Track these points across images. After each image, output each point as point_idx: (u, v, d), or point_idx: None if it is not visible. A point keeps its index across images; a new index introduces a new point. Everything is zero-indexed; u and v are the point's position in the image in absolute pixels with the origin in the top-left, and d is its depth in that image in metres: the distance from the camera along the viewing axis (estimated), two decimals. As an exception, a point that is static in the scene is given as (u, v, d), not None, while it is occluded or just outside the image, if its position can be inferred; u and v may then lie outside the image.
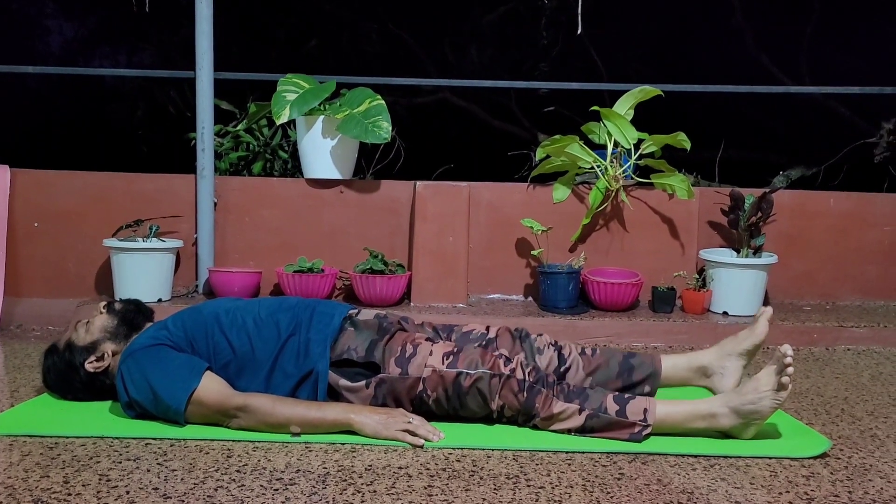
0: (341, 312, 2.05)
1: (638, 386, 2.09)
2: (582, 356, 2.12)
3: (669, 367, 2.12)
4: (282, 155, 4.13)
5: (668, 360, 2.13)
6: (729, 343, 2.11)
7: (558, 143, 3.34)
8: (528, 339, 2.13)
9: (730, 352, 2.11)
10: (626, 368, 2.10)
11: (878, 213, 3.64)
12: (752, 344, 2.09)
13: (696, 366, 2.13)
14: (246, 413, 1.85)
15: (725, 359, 2.11)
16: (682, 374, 2.14)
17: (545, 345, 2.12)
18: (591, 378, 2.08)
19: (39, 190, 3.38)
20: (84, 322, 2.10)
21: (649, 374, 2.09)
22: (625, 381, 2.09)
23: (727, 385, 2.09)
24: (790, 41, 6.39)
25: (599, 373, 2.09)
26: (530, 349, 2.10)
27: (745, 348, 2.09)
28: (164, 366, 1.89)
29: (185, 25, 6.21)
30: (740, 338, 2.10)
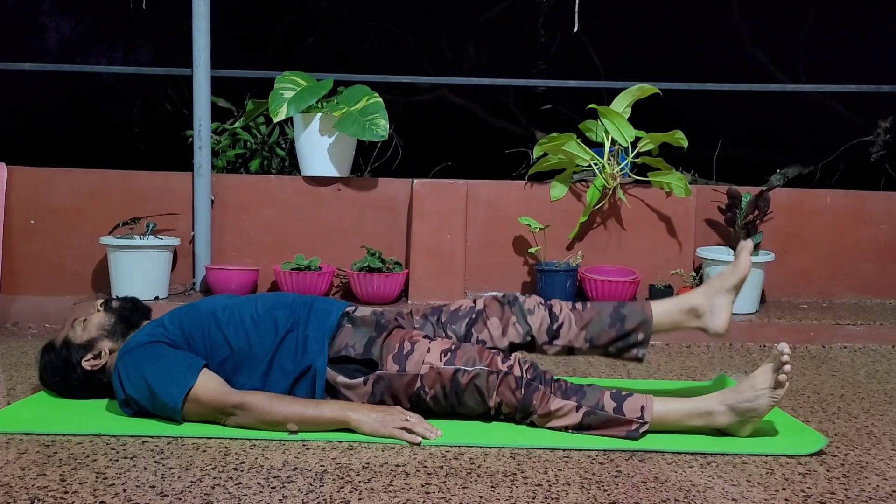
0: (339, 309, 2.05)
1: (632, 334, 2.05)
2: (573, 311, 2.08)
3: (661, 313, 2.08)
4: (279, 153, 4.13)
5: (659, 306, 2.09)
6: (715, 281, 2.09)
7: (556, 140, 3.34)
8: (516, 303, 2.09)
9: (717, 289, 2.07)
10: (617, 318, 2.06)
11: (874, 211, 3.65)
12: (737, 279, 2.06)
13: (686, 307, 2.09)
14: (243, 411, 1.85)
15: (714, 297, 2.07)
16: (673, 318, 2.10)
17: (535, 305, 2.08)
18: (585, 331, 2.05)
19: (36, 187, 3.38)
20: (81, 320, 2.10)
21: (641, 322, 2.06)
22: (618, 330, 2.05)
23: (719, 323, 2.06)
24: (787, 39, 6.40)
25: (592, 325, 2.05)
26: (520, 312, 2.07)
27: (732, 283, 2.06)
28: (160, 363, 1.89)
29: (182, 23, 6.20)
30: (725, 275, 2.08)
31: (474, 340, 2.05)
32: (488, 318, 2.07)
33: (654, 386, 2.40)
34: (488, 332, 2.06)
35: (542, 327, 2.06)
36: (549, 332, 2.06)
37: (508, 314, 2.07)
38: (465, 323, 2.08)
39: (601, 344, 2.05)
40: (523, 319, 2.06)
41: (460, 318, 2.09)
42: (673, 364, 2.76)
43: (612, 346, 2.05)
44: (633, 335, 2.06)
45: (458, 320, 2.09)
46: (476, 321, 2.07)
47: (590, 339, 2.05)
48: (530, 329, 2.04)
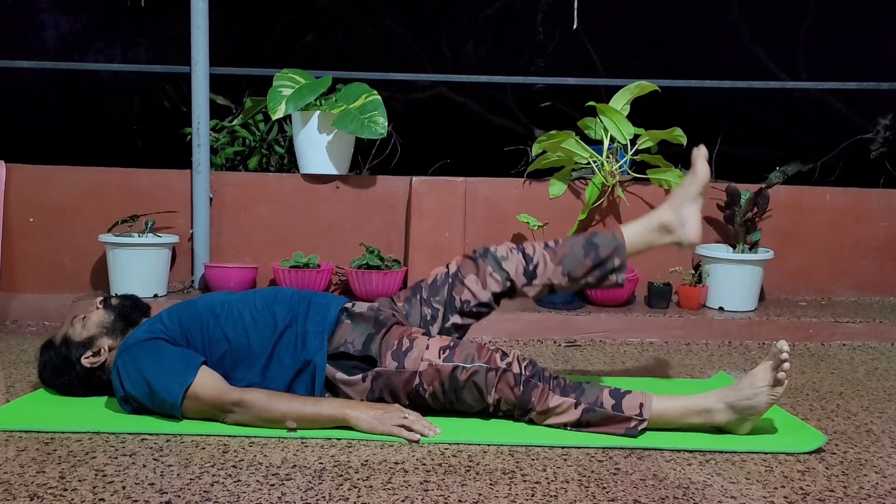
0: (337, 304, 2.04)
1: (607, 261, 2.05)
2: (547, 250, 2.08)
3: (633, 235, 2.09)
4: (278, 150, 4.13)
5: (630, 229, 2.10)
6: (678, 194, 2.09)
7: (554, 138, 3.34)
8: (488, 254, 2.09)
9: (682, 200, 2.08)
10: (591, 248, 2.06)
11: (873, 208, 3.65)
12: (698, 185, 2.07)
13: (655, 225, 2.09)
14: (242, 408, 1.85)
15: (680, 208, 2.08)
16: (645, 238, 2.10)
17: (507, 251, 2.09)
18: (561, 266, 2.05)
19: (35, 185, 3.37)
20: (81, 317, 2.10)
21: (614, 248, 2.06)
22: (593, 259, 2.05)
23: (691, 233, 2.07)
24: (787, 37, 6.40)
25: (567, 259, 2.06)
26: (494, 261, 2.08)
27: (695, 192, 2.07)
28: (159, 360, 1.89)
29: (180, 20, 6.19)
30: (686, 185, 2.09)
31: (458, 304, 2.07)
32: (464, 277, 2.09)
33: (652, 384, 2.40)
34: (469, 290, 2.08)
35: (519, 270, 2.07)
36: (526, 274, 2.07)
37: (484, 266, 2.08)
38: (445, 290, 2.09)
39: (579, 276, 2.06)
40: (499, 268, 2.07)
41: (439, 288, 2.11)
42: (671, 362, 2.76)
43: (590, 275, 2.06)
44: (608, 262, 2.06)
45: (438, 291, 2.11)
46: (454, 284, 2.09)
47: (567, 272, 2.06)
48: (508, 274, 2.06)
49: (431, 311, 2.10)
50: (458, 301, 2.08)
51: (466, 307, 2.09)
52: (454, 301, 2.09)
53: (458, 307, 2.09)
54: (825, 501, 1.54)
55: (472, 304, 2.08)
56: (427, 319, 2.10)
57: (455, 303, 2.09)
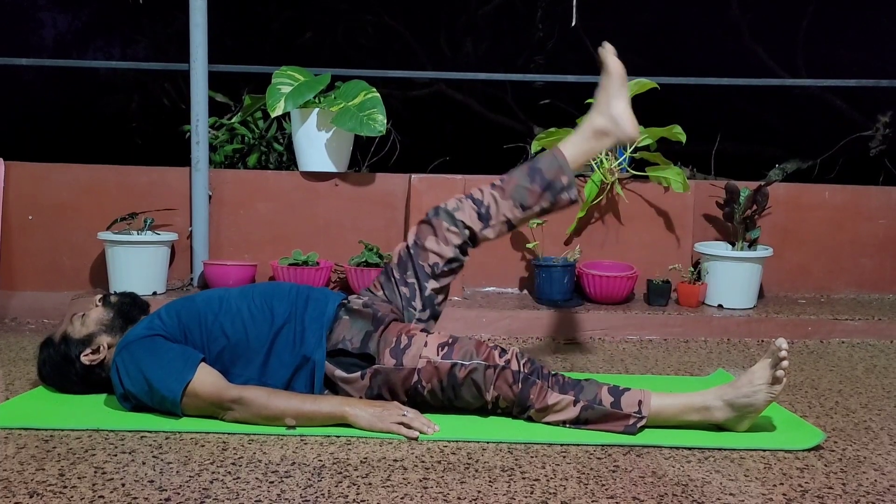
0: (335, 300, 2.04)
1: (556, 181, 2.07)
2: (494, 189, 2.10)
3: (572, 149, 2.11)
4: (277, 147, 4.12)
5: (567, 145, 2.11)
6: (601, 97, 2.12)
7: (554, 135, 3.34)
8: (439, 211, 2.11)
9: (607, 101, 2.10)
10: (535, 174, 2.08)
11: (873, 206, 3.65)
12: (616, 81, 2.10)
13: (591, 133, 2.11)
14: (241, 405, 1.85)
15: (609, 109, 2.10)
16: (585, 148, 2.12)
17: (457, 202, 2.11)
18: (512, 200, 2.07)
19: (33, 183, 3.37)
20: (80, 315, 2.10)
21: (559, 167, 2.08)
22: (541, 184, 2.07)
23: (627, 128, 2.09)
24: (786, 34, 6.39)
25: (516, 192, 2.07)
26: (447, 215, 2.09)
27: (615, 88, 2.10)
28: (158, 357, 1.89)
29: (179, 17, 6.19)
30: (604, 85, 2.11)
31: (428, 270, 2.09)
32: (424, 242, 2.10)
33: (651, 381, 2.41)
34: (433, 253, 2.09)
35: (473, 216, 2.09)
36: (481, 218, 2.09)
37: (439, 224, 2.10)
38: (412, 263, 2.10)
39: (532, 203, 2.08)
40: (453, 220, 2.09)
41: (406, 263, 2.12)
42: (670, 359, 2.76)
43: (543, 200, 2.08)
44: (556, 182, 2.08)
45: (405, 266, 2.12)
46: (418, 254, 2.10)
47: (520, 204, 2.08)
48: (464, 223, 2.08)
49: (407, 288, 2.11)
50: (427, 268, 2.10)
51: (437, 269, 2.10)
52: (423, 269, 2.10)
53: (429, 273, 2.10)
54: (824, 498, 1.54)
55: (441, 265, 2.10)
56: (407, 297, 2.11)
57: (425, 270, 2.10)
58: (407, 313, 2.11)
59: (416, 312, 2.11)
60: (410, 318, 2.11)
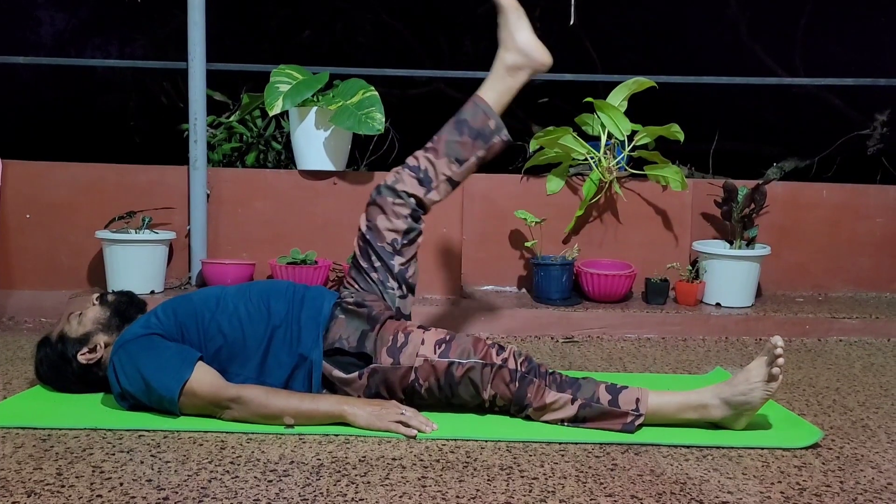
0: (330, 299, 2.04)
1: (484, 127, 2.12)
2: (427, 151, 2.14)
3: (491, 92, 2.16)
4: (275, 146, 4.12)
5: (485, 89, 2.17)
6: (502, 33, 2.20)
7: (552, 134, 3.34)
8: (382, 188, 2.13)
9: (509, 35, 2.19)
10: (462, 125, 2.12)
11: (870, 204, 3.66)
12: (511, 13, 2.19)
13: (504, 71, 2.17)
14: (239, 404, 1.85)
15: (515, 43, 2.17)
16: (504, 87, 2.17)
17: (395, 174, 2.14)
18: (447, 158, 2.11)
19: (31, 181, 3.37)
20: (77, 314, 2.10)
21: (483, 113, 2.12)
22: (470, 133, 2.12)
23: (539, 56, 2.16)
24: (784, 33, 6.39)
25: (449, 148, 2.12)
26: (389, 190, 2.11)
27: (513, 20, 2.19)
28: (155, 356, 1.89)
29: (177, 16, 6.17)
30: (502, 23, 2.20)
31: (389, 249, 2.11)
32: (376, 223, 2.12)
33: (649, 380, 2.41)
34: (388, 231, 2.11)
35: (414, 183, 2.12)
36: (422, 183, 2.12)
37: (384, 202, 2.12)
38: (371, 248, 2.11)
39: (468, 156, 2.11)
40: (396, 193, 2.11)
41: (366, 250, 2.13)
42: (668, 358, 2.76)
43: (477, 150, 2.12)
44: (485, 128, 2.12)
45: (367, 254, 2.13)
46: (374, 237, 2.12)
47: (455, 158, 2.11)
48: (407, 192, 2.10)
49: (377, 272, 2.12)
50: (387, 247, 2.11)
51: (398, 245, 2.12)
52: (385, 250, 2.11)
53: (391, 251, 2.11)
54: (821, 497, 1.54)
55: (399, 240, 2.11)
56: (381, 281, 2.12)
57: (387, 250, 2.11)
58: (387, 296, 2.12)
59: (395, 292, 2.13)
60: (392, 299, 2.11)
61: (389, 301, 2.11)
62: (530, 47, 2.13)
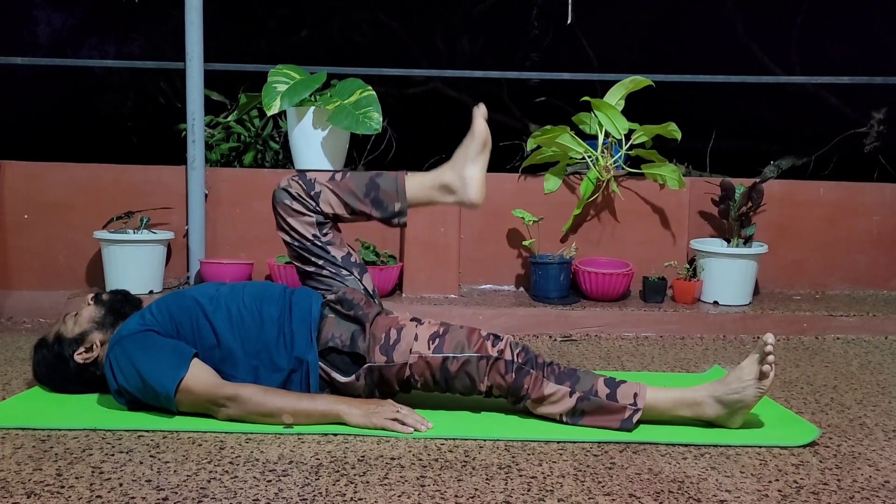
0: (317, 299, 2.03)
1: (389, 205, 2.09)
2: (330, 181, 2.12)
3: (415, 188, 2.11)
4: (273, 146, 4.12)
5: (413, 181, 2.12)
6: (459, 155, 2.11)
7: (549, 133, 3.34)
8: (277, 192, 2.15)
9: (463, 162, 2.10)
10: (371, 187, 2.10)
11: (867, 202, 3.66)
12: (477, 145, 2.09)
13: (438, 185, 2.11)
14: (236, 402, 1.85)
15: (462, 170, 2.10)
16: (428, 195, 2.13)
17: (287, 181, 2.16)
18: (340, 194, 2.10)
19: (29, 182, 3.37)
20: (72, 314, 2.10)
21: (395, 192, 2.10)
22: (373, 199, 2.10)
23: (472, 195, 2.09)
24: (781, 31, 6.39)
25: (347, 195, 2.10)
26: (285, 194, 2.13)
27: (475, 152, 2.09)
28: (151, 352, 1.89)
29: (174, 15, 6.16)
30: (465, 144, 2.11)
31: (320, 244, 2.10)
32: (293, 227, 2.11)
33: (647, 378, 2.41)
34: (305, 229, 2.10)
35: (301, 189, 2.12)
36: (311, 197, 2.11)
37: (286, 208, 2.13)
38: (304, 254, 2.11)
39: (358, 210, 2.11)
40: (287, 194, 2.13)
41: (303, 256, 2.12)
42: (667, 356, 2.77)
43: (370, 212, 2.11)
44: (389, 205, 2.09)
45: (306, 259, 2.12)
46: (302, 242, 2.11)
47: (346, 202, 2.10)
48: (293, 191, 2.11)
49: (327, 270, 2.10)
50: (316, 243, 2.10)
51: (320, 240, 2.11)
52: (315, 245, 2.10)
53: (320, 245, 2.09)
54: (819, 494, 1.55)
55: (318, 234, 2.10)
56: (335, 276, 2.09)
57: (317, 244, 2.11)
58: (348, 281, 2.10)
59: (350, 277, 2.11)
60: (354, 284, 2.10)
61: (353, 287, 2.10)
62: (472, 182, 2.09)
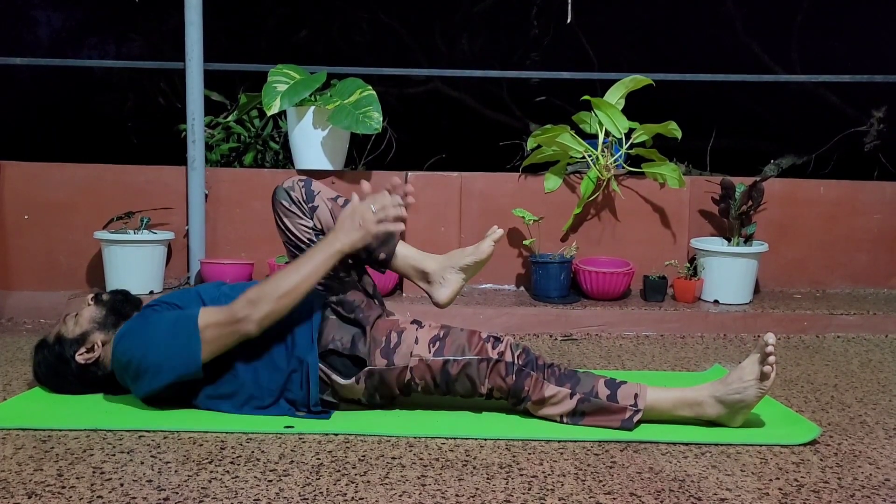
0: (318, 300, 2.03)
1: (373, 251, 2.08)
2: (332, 202, 2.14)
3: (401, 255, 2.11)
4: (273, 146, 4.12)
5: (403, 247, 2.12)
6: (456, 255, 2.09)
7: (550, 132, 3.34)
8: (278, 191, 2.21)
9: (454, 264, 2.08)
10: None
11: (867, 200, 3.66)
12: (473, 261, 2.06)
13: (420, 267, 2.10)
14: (254, 306, 1.82)
15: (447, 270, 2.08)
16: (407, 266, 2.12)
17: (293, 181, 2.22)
18: None
19: (29, 182, 3.37)
20: (73, 315, 2.10)
21: (387, 242, 2.09)
22: None
23: (442, 296, 2.07)
24: (781, 30, 6.39)
25: None
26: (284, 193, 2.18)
27: (467, 264, 2.06)
28: (157, 319, 1.90)
29: (174, 15, 6.16)
30: (466, 252, 2.08)
31: None
32: (288, 227, 2.15)
33: (648, 377, 2.41)
34: (302, 232, 2.12)
35: (302, 195, 2.17)
36: (307, 198, 2.16)
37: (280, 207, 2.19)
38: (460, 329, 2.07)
39: None
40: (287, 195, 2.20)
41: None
42: (667, 355, 2.77)
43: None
44: (376, 250, 2.08)
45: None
46: (296, 244, 2.11)
47: None
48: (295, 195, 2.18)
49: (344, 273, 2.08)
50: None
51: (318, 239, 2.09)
52: None
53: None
54: (819, 493, 1.55)
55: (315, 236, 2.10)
56: (334, 277, 2.06)
57: None
58: (347, 283, 2.08)
59: (351, 277, 2.10)
60: (354, 285, 2.09)
61: (352, 288, 2.08)
62: (448, 286, 2.06)
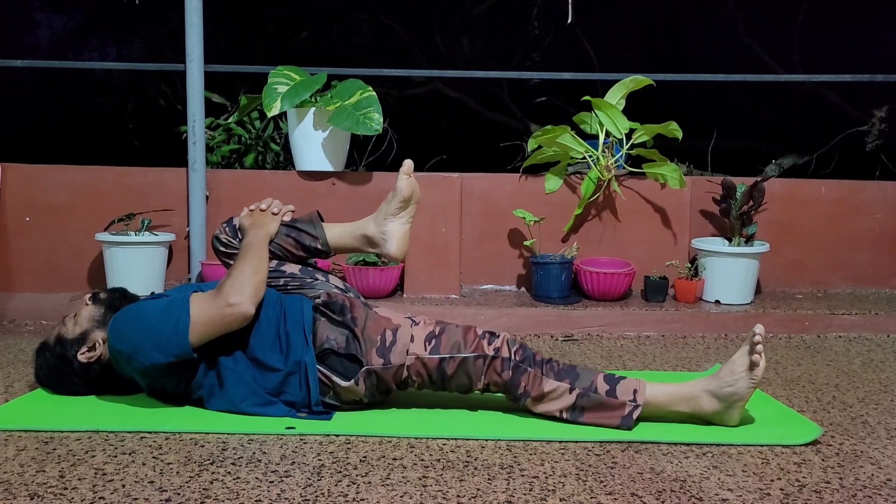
0: (308, 303, 2.03)
1: (310, 245, 2.15)
2: None
3: (336, 236, 2.16)
4: (273, 147, 4.13)
5: (334, 229, 2.17)
6: (382, 207, 2.15)
7: (550, 133, 3.34)
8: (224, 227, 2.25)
9: (385, 216, 2.13)
10: (291, 229, 2.15)
11: (869, 200, 3.66)
12: (398, 202, 2.12)
13: (359, 235, 2.16)
14: (240, 288, 1.88)
15: (384, 223, 2.13)
16: (349, 243, 2.18)
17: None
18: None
19: (30, 184, 3.37)
20: (72, 316, 2.10)
21: (313, 231, 2.15)
22: (296, 236, 2.15)
23: (392, 248, 2.12)
24: (781, 29, 6.39)
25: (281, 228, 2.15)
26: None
27: (395, 207, 2.12)
28: (149, 305, 1.91)
29: (174, 17, 6.17)
30: (388, 200, 2.14)
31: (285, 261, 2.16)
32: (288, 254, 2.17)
33: (649, 377, 2.40)
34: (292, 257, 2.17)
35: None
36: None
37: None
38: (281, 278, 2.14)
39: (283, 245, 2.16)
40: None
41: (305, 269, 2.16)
42: (668, 355, 2.76)
43: (298, 252, 2.17)
44: (311, 245, 2.15)
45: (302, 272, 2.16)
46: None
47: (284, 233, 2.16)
48: None
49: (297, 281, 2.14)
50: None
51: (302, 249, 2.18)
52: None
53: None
54: (821, 493, 1.55)
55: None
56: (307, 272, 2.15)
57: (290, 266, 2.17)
58: (318, 285, 2.13)
59: (319, 280, 2.15)
60: (325, 286, 2.13)
61: (325, 289, 2.11)
62: (394, 237, 2.13)
